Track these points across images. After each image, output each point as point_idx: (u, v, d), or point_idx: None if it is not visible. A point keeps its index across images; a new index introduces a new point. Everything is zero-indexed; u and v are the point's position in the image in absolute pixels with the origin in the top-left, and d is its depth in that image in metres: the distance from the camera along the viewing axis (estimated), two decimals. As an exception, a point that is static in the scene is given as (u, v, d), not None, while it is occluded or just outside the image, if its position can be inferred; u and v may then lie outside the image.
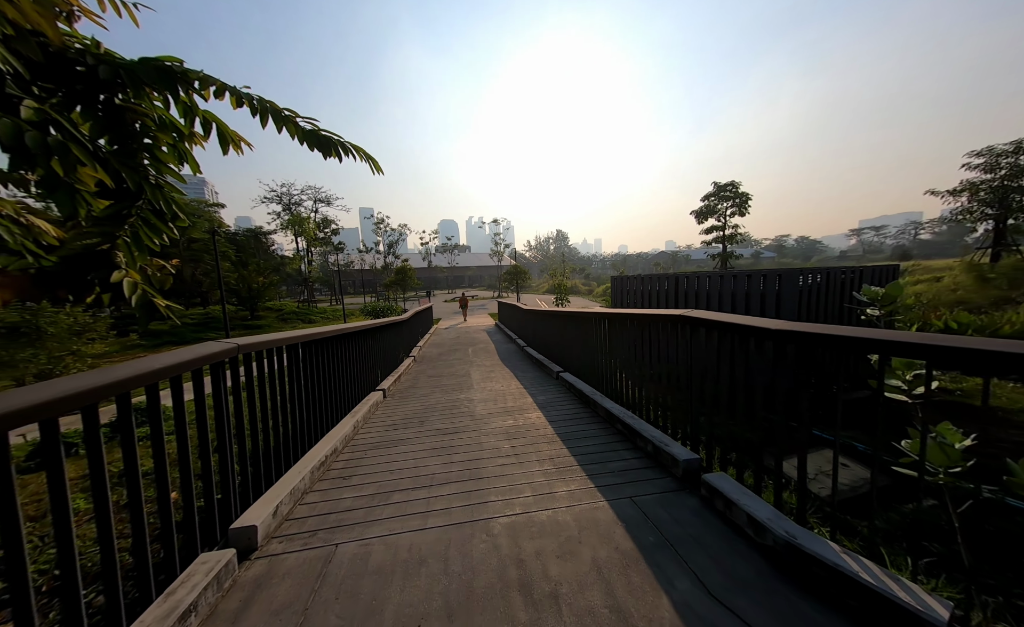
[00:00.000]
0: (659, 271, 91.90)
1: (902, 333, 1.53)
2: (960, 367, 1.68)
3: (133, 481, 1.38)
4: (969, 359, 1.21)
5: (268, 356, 2.36)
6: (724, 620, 1.37)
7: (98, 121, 1.99)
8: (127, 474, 1.38)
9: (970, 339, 1.27)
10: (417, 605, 1.49)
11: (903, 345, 1.37)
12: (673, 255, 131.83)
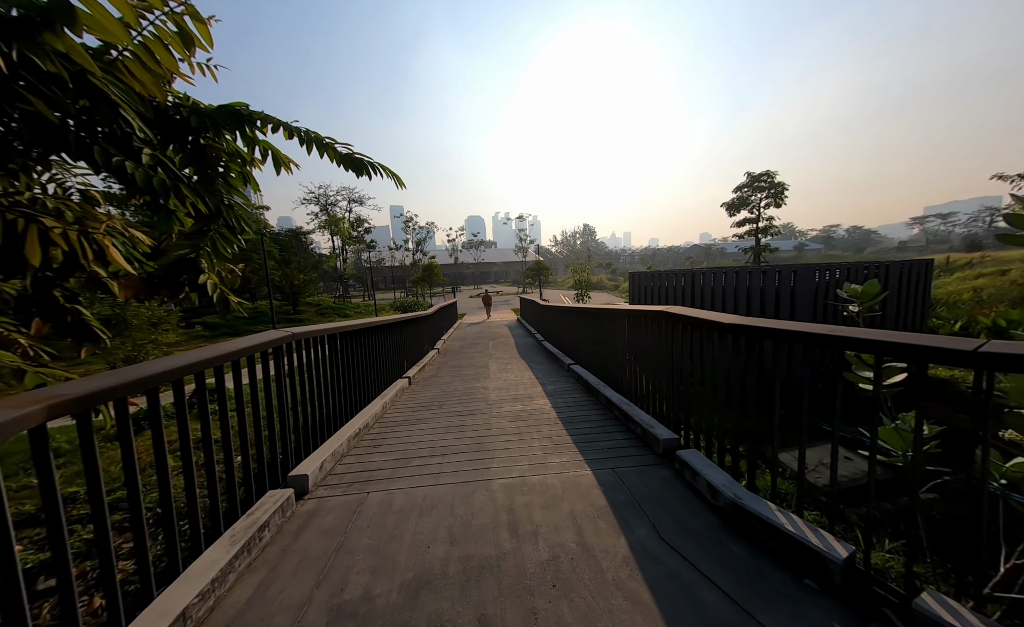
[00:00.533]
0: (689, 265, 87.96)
1: (849, 329, 1.76)
2: (905, 359, 1.86)
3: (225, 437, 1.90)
4: (909, 353, 1.37)
5: (314, 344, 2.89)
6: (669, 557, 1.69)
7: (186, 156, 2.57)
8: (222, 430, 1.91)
9: (910, 335, 1.49)
10: (428, 534, 1.92)
11: (850, 340, 1.62)
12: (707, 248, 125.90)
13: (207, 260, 2.67)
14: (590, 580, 1.58)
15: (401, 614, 1.46)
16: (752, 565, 1.62)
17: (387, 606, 1.50)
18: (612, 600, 1.48)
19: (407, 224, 45.09)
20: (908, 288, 6.52)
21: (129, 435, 1.39)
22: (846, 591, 1.43)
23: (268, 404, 2.32)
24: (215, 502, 1.80)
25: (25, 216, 1.69)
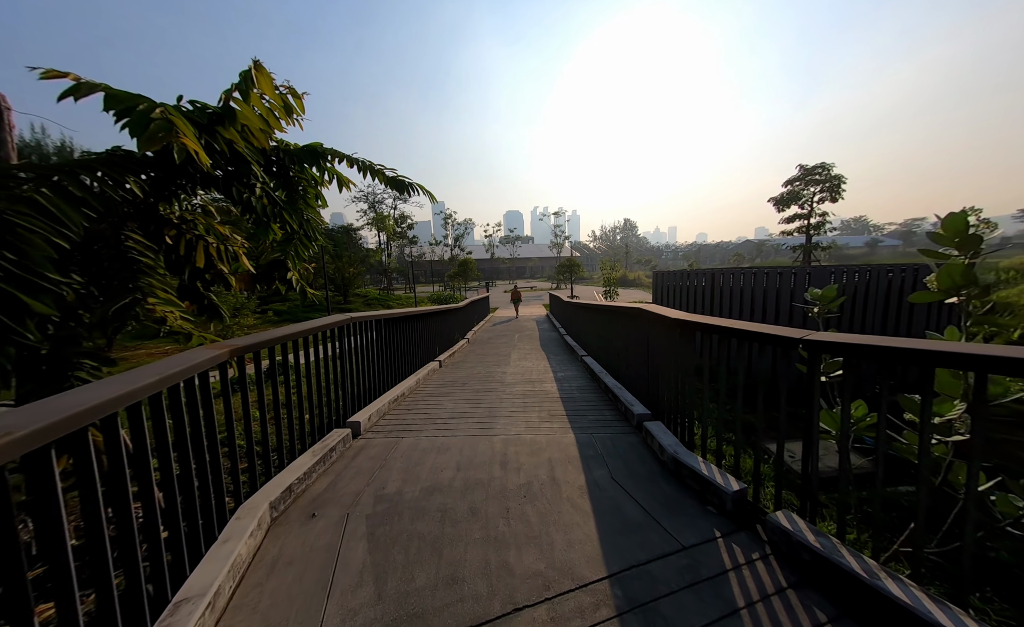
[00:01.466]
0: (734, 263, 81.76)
1: (776, 328, 2.24)
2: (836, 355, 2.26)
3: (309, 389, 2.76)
4: (839, 350, 1.85)
5: (365, 327, 3.75)
6: (613, 489, 2.29)
7: (279, 183, 3.48)
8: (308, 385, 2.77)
9: (839, 335, 1.97)
10: (441, 464, 2.66)
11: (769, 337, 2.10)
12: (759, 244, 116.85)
13: (292, 261, 3.61)
14: (551, 496, 2.22)
15: (419, 503, 2.20)
16: (673, 496, 2.18)
17: (411, 499, 2.25)
18: (562, 508, 2.11)
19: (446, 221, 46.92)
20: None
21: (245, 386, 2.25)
22: (734, 513, 1.95)
23: (335, 369, 3.18)
24: (303, 431, 2.67)
25: (196, 236, 2.64)
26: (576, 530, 1.91)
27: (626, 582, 1.58)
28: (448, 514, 2.08)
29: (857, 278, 5.85)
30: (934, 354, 1.30)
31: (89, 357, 2.00)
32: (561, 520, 2.01)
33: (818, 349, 1.67)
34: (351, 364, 3.47)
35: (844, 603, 1.42)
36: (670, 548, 1.76)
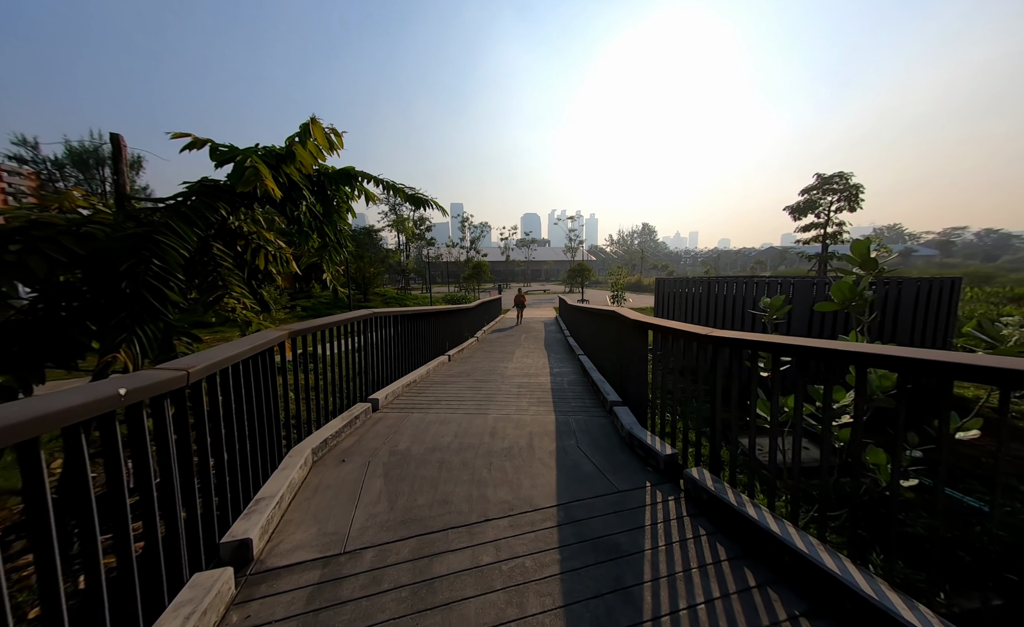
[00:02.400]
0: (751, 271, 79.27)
1: (698, 327, 2.79)
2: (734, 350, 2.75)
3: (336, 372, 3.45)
4: (733, 344, 2.41)
5: (384, 322, 4.43)
6: (577, 454, 2.86)
7: (318, 198, 4.19)
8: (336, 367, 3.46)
9: (738, 333, 2.53)
10: (442, 432, 3.29)
11: (683, 333, 2.64)
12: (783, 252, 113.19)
13: (326, 264, 4.34)
14: (526, 456, 2.82)
15: (423, 457, 2.83)
16: (623, 460, 2.73)
17: (417, 453, 2.88)
18: (533, 464, 2.70)
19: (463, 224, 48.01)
20: (929, 306, 6.49)
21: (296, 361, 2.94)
22: (665, 471, 2.49)
23: (360, 356, 3.87)
24: (335, 402, 3.35)
25: (258, 245, 3.37)
26: (540, 478, 2.50)
27: (569, 508, 2.16)
28: (444, 464, 2.71)
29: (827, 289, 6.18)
30: (814, 351, 1.81)
31: (186, 335, 2.74)
32: (530, 471, 2.60)
33: (718, 344, 2.20)
34: (373, 352, 4.16)
35: (723, 525, 1.96)
36: (609, 490, 2.33)
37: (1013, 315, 3.58)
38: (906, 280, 6.16)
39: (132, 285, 2.07)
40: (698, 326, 2.49)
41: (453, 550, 1.83)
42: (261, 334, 2.35)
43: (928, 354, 1.34)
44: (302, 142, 2.96)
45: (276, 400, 2.45)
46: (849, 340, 2.62)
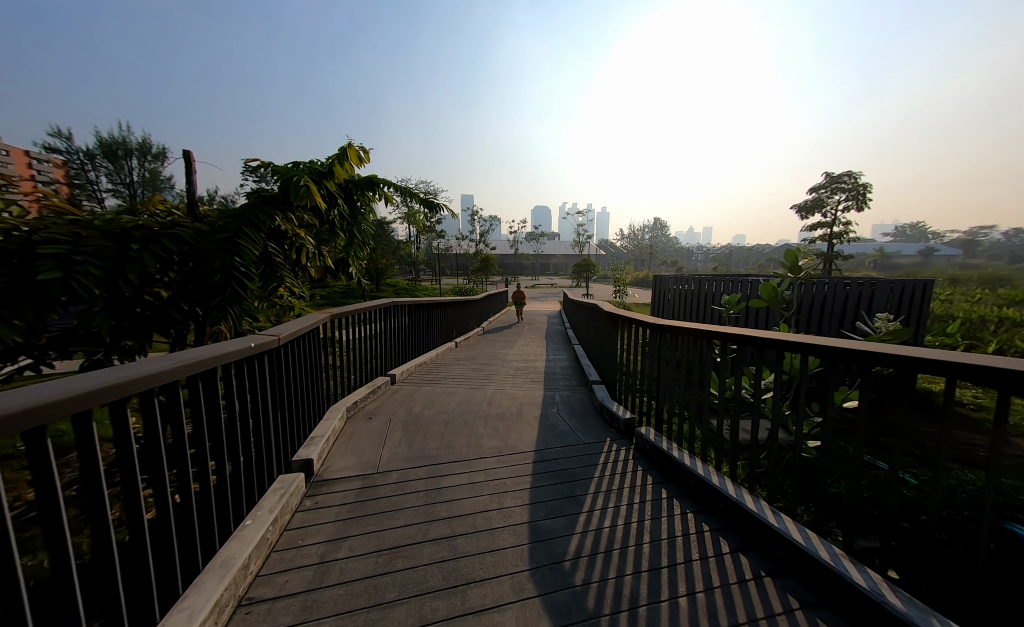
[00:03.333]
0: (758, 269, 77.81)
1: (651, 318, 3.43)
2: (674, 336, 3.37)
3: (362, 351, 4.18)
4: (673, 331, 3.05)
5: (400, 310, 5.14)
6: (556, 418, 3.53)
7: (347, 202, 4.88)
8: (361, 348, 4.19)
9: (679, 322, 3.17)
10: (448, 401, 4.00)
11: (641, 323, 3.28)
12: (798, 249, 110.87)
13: (352, 260, 5.05)
14: (515, 419, 3.51)
15: (433, 417, 3.54)
16: (593, 424, 3.40)
17: (428, 415, 3.60)
18: (520, 424, 3.39)
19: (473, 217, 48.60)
20: (901, 306, 6.93)
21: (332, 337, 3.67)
22: (623, 431, 3.16)
23: (381, 338, 4.60)
24: (358, 377, 4.09)
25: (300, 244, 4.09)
26: (524, 434, 3.19)
27: (543, 452, 2.85)
28: (449, 422, 3.42)
29: (815, 289, 6.67)
30: (741, 338, 2.44)
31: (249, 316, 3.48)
32: (517, 429, 3.29)
33: (662, 330, 2.83)
34: (391, 335, 4.89)
35: (657, 463, 2.63)
36: (576, 442, 3.01)
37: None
38: (879, 281, 6.62)
39: (223, 277, 2.79)
40: (655, 318, 3.13)
41: (455, 474, 2.54)
42: (312, 315, 3.07)
43: (813, 340, 1.95)
44: (339, 161, 3.65)
45: (322, 366, 3.18)
46: (781, 331, 3.22)
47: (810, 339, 1.82)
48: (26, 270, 2.40)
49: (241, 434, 1.81)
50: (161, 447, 1.30)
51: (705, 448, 2.45)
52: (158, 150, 29.48)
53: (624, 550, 1.81)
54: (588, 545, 1.84)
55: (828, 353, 1.71)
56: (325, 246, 5.06)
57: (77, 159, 27.36)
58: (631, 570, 1.68)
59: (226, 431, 1.71)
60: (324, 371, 3.31)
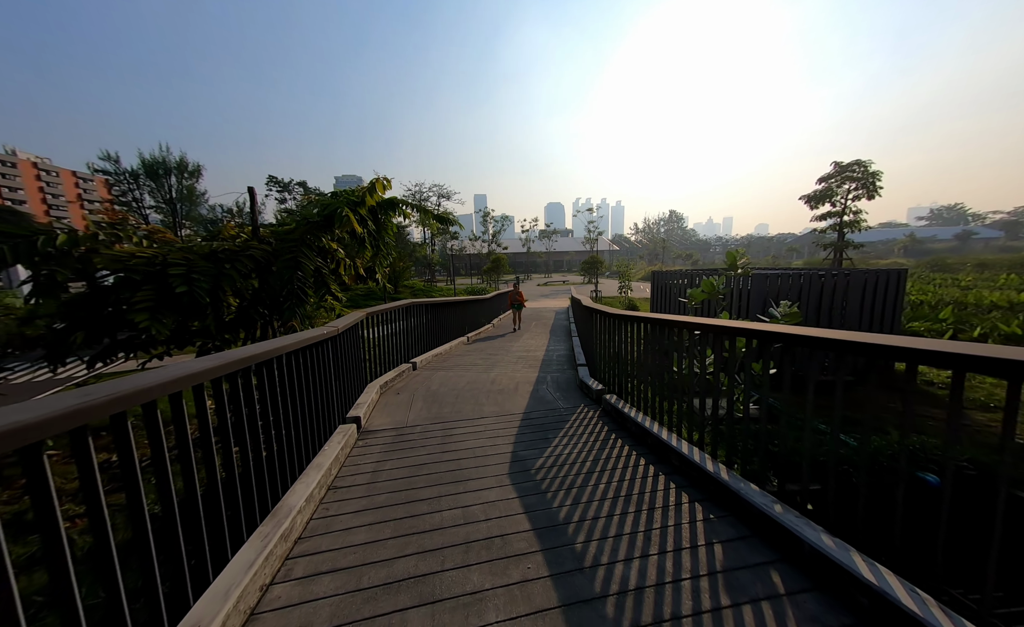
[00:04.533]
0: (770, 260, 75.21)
1: (616, 310, 4.25)
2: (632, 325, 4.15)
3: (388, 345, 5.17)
4: (627, 320, 3.88)
5: (420, 309, 6.11)
6: (545, 391, 4.40)
7: (373, 222, 5.88)
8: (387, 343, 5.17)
9: (631, 312, 4.01)
10: (459, 382, 4.93)
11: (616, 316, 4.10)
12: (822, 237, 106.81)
13: (378, 267, 6.05)
14: (511, 393, 4.40)
15: (446, 393, 4.47)
16: (573, 395, 4.25)
17: (443, 392, 4.53)
18: (515, 396, 4.28)
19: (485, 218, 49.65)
20: (876, 294, 7.41)
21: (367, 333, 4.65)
22: (595, 400, 4.00)
23: (404, 333, 5.57)
24: (387, 364, 5.07)
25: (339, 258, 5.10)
26: (517, 402, 4.08)
27: (530, 414, 3.72)
28: (460, 396, 4.34)
29: (791, 282, 7.25)
30: (696, 325, 3.25)
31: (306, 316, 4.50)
32: (512, 399, 4.18)
33: (622, 319, 3.65)
34: (412, 330, 5.87)
35: (613, 421, 3.46)
36: (556, 408, 3.87)
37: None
38: (854, 272, 7.14)
39: (290, 286, 3.79)
40: (621, 310, 3.95)
41: (462, 428, 3.45)
42: (355, 313, 4.05)
43: (730, 323, 2.75)
44: (369, 193, 4.62)
45: (362, 352, 4.16)
46: (722, 317, 3.97)
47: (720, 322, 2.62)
48: (164, 286, 3.45)
49: (318, 394, 2.77)
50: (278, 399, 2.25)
51: (656, 411, 3.27)
52: (194, 168, 31.82)
53: (573, 464, 2.67)
54: (549, 463, 2.71)
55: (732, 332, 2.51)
56: (357, 257, 6.09)
57: (124, 179, 29.94)
58: (576, 472, 2.54)
59: (311, 391, 2.67)
60: (364, 356, 4.29)
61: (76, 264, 3.53)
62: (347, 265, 5.37)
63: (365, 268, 6.15)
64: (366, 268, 6.15)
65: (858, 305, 7.16)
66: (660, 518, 2.04)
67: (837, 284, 7.10)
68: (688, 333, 2.71)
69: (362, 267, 5.97)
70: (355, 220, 4.24)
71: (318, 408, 2.75)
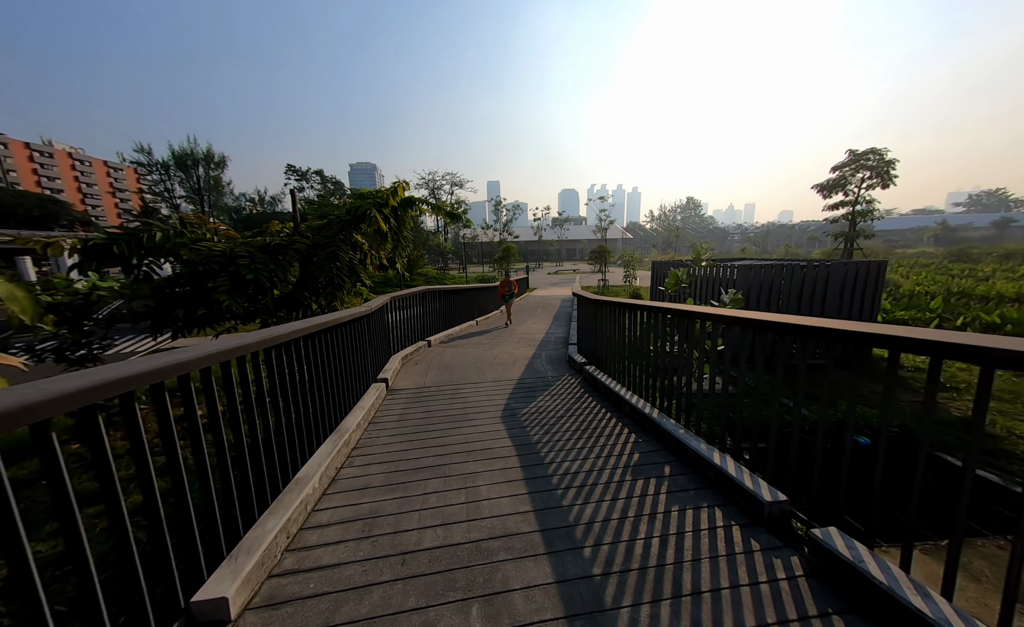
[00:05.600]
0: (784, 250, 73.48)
1: (595, 295, 5.02)
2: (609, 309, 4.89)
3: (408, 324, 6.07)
4: (601, 304, 4.65)
5: (434, 294, 6.99)
6: (541, 365, 5.23)
7: (395, 218, 6.76)
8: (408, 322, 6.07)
9: (609, 297, 4.78)
10: (467, 357, 5.81)
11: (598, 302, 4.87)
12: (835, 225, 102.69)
13: (398, 257, 6.93)
14: (510, 365, 5.25)
15: (456, 364, 5.35)
16: (562, 368, 5.08)
17: (453, 364, 5.42)
18: (513, 367, 5.13)
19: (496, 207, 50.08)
20: (856, 285, 7.88)
21: (393, 314, 5.55)
22: (578, 371, 4.81)
23: (420, 316, 6.47)
24: (407, 341, 5.98)
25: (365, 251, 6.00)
26: (514, 373, 4.92)
27: (523, 381, 4.57)
28: (467, 366, 5.22)
29: (773, 273, 7.80)
30: (660, 309, 4.01)
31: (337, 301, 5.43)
32: (510, 370, 5.03)
33: (599, 304, 4.41)
34: (428, 313, 6.76)
35: (591, 387, 4.27)
36: (545, 376, 4.70)
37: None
38: (835, 263, 7.63)
39: (328, 275, 4.70)
40: (599, 296, 4.72)
41: (468, 390, 4.32)
42: (383, 296, 4.94)
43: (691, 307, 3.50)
44: (392, 195, 5.46)
45: (388, 329, 5.06)
46: (688, 303, 4.68)
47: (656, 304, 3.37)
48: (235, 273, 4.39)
49: (360, 358, 3.67)
50: (337, 356, 3.14)
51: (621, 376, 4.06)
52: (219, 158, 33.31)
53: (550, 412, 3.51)
54: (532, 411, 3.56)
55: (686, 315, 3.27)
56: (380, 249, 6.99)
57: (156, 170, 31.68)
58: (551, 417, 3.38)
59: (356, 354, 3.56)
60: (389, 333, 5.20)
61: (167, 256, 4.51)
62: (372, 257, 6.26)
63: (387, 258, 7.05)
64: (388, 258, 7.04)
65: (837, 295, 7.68)
66: (605, 440, 2.87)
67: (818, 275, 7.63)
68: (641, 314, 3.46)
69: (384, 258, 6.86)
70: (381, 219, 5.09)
71: (360, 368, 3.66)
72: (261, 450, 1.85)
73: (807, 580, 1.54)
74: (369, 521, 2.01)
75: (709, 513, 1.98)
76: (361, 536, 1.88)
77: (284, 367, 2.16)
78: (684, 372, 2.82)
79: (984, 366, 1.19)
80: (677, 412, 2.91)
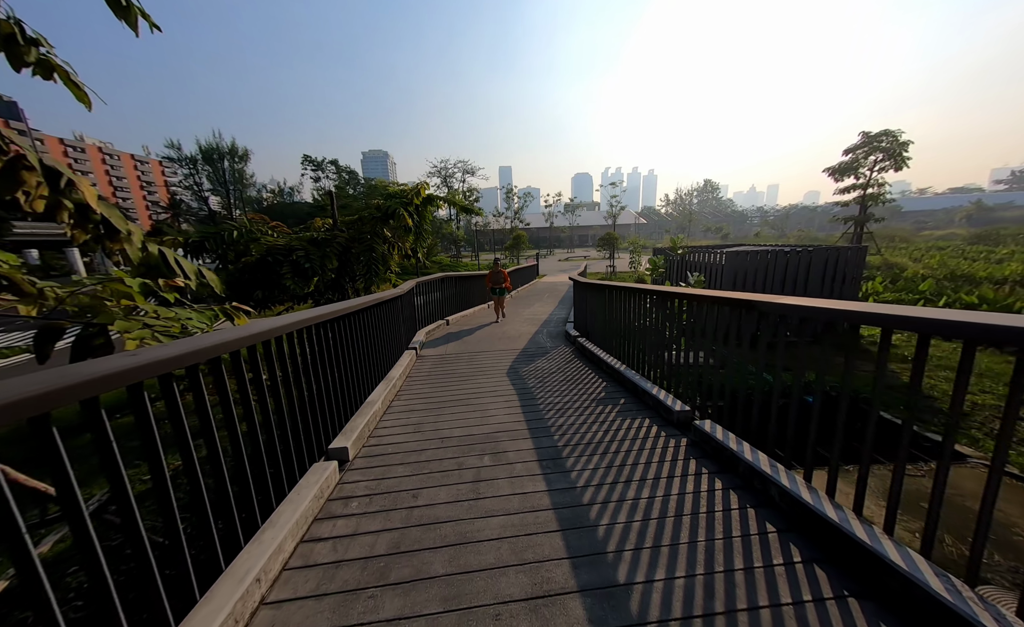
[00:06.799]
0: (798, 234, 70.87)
1: (584, 278, 5.92)
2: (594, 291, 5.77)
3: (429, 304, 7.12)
4: (590, 287, 5.57)
5: (450, 280, 8.00)
6: (543, 339, 6.22)
7: (417, 214, 7.78)
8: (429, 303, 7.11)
9: (598, 281, 5.69)
10: (477, 336, 6.83)
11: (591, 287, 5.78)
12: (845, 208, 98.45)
13: (419, 248, 7.98)
14: (516, 338, 6.26)
15: (471, 338, 6.39)
16: (559, 340, 6.05)
17: (468, 337, 6.45)
18: (518, 339, 6.13)
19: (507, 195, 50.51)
20: (838, 269, 8.49)
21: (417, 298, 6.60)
22: (572, 343, 5.77)
23: (440, 300, 7.50)
24: (431, 318, 7.03)
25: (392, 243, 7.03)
26: (518, 343, 5.92)
27: (526, 349, 5.57)
28: (480, 339, 6.25)
29: (759, 258, 8.48)
30: (638, 290, 4.91)
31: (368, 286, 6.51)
32: (515, 342, 6.03)
33: (587, 286, 5.32)
34: (445, 297, 7.79)
35: (582, 355, 5.24)
36: (544, 346, 5.69)
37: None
38: (816, 248, 8.26)
39: (367, 266, 5.74)
40: (588, 278, 5.63)
41: (481, 356, 5.33)
42: (410, 281, 5.97)
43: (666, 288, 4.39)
44: (416, 194, 6.44)
45: (413, 309, 6.11)
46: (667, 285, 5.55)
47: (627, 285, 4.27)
48: (295, 262, 5.49)
49: (397, 328, 4.71)
50: (384, 327, 4.17)
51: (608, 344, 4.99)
52: (243, 152, 34.84)
53: (545, 370, 4.50)
54: (530, 370, 4.55)
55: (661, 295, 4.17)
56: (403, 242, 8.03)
57: (186, 164, 33.46)
58: (545, 374, 4.37)
59: (395, 325, 4.60)
60: (415, 312, 6.25)
61: (240, 248, 5.63)
62: (398, 248, 7.30)
63: (410, 249, 8.08)
64: (410, 249, 8.08)
65: (819, 279, 8.33)
66: (583, 386, 3.86)
67: (801, 260, 8.29)
68: (618, 293, 4.37)
69: (408, 248, 7.90)
70: (407, 216, 6.09)
71: (398, 336, 4.71)
72: (347, 384, 2.91)
73: (688, 448, 2.51)
74: (416, 425, 3.07)
75: (642, 420, 2.96)
76: (413, 430, 2.94)
77: (354, 330, 3.19)
78: (646, 338, 3.74)
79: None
80: (640, 366, 3.85)
